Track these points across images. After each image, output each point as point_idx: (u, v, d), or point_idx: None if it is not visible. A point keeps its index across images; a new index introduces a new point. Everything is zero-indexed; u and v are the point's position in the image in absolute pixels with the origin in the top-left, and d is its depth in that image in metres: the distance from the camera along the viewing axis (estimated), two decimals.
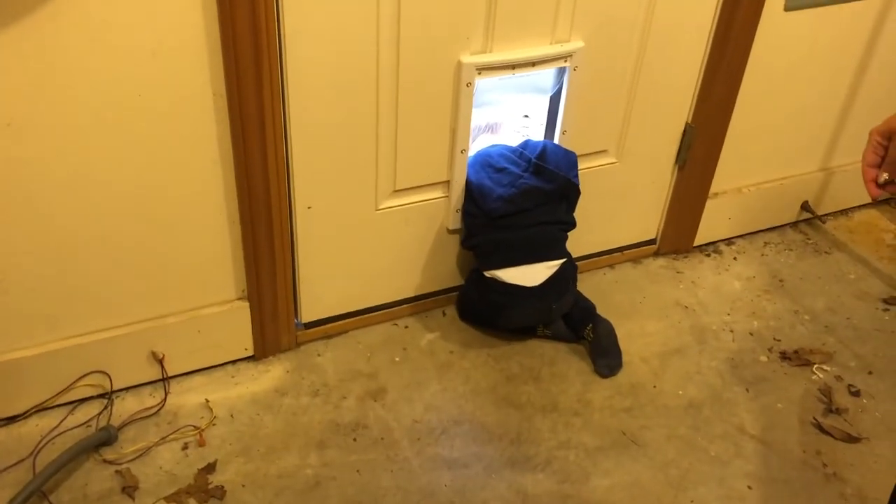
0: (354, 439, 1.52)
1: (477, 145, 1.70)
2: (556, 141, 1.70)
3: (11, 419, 1.49)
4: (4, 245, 1.33)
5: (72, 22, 1.18)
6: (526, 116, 1.79)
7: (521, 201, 1.59)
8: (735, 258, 2.06)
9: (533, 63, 1.55)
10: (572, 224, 1.69)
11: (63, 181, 1.31)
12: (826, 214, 2.19)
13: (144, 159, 1.35)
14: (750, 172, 2.02)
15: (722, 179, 1.96)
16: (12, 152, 1.25)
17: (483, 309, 1.74)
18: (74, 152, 1.30)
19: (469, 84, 1.52)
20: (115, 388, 1.55)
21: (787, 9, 1.73)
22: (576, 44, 1.58)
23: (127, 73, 1.26)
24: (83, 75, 1.23)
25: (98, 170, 1.33)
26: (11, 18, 1.15)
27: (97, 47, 1.22)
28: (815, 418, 1.63)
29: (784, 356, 1.78)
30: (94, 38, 1.21)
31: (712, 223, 2.03)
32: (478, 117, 1.65)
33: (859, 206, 2.26)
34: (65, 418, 1.51)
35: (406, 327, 1.78)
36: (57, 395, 1.51)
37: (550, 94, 1.67)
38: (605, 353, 1.69)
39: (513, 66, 1.54)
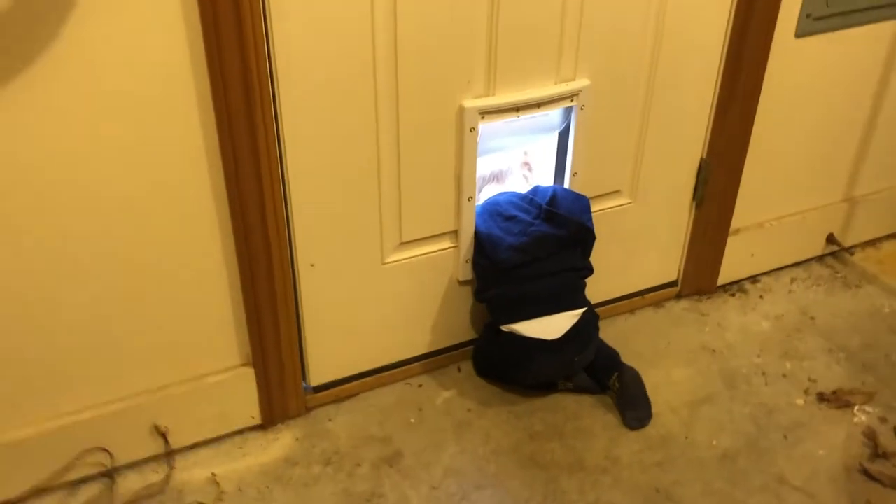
0: None
1: (484, 195, 1.64)
2: (566, 183, 1.64)
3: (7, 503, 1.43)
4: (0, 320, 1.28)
5: (61, 84, 1.14)
6: (526, 164, 1.73)
7: (534, 250, 1.52)
8: (761, 296, 1.97)
9: (538, 104, 1.50)
10: (589, 270, 1.61)
11: (55, 248, 1.26)
12: (853, 246, 2.11)
13: (139, 224, 1.30)
14: (771, 206, 1.95)
15: (742, 214, 1.89)
16: (2, 221, 1.20)
17: (501, 364, 1.66)
18: (65, 217, 1.25)
19: (472, 129, 1.46)
20: (116, 465, 1.48)
21: (798, 35, 1.68)
22: (581, 82, 1.53)
23: (115, 134, 1.22)
24: (69, 139, 1.19)
25: (91, 235, 1.28)
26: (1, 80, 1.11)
27: (81, 111, 1.18)
28: (861, 464, 1.53)
29: (822, 398, 1.68)
30: (77, 102, 1.17)
31: (735, 261, 1.95)
32: (483, 167, 1.60)
33: (888, 236, 2.18)
34: (65, 501, 1.44)
35: (420, 386, 1.70)
36: (55, 475, 1.44)
37: (558, 130, 1.61)
38: (633, 405, 1.61)
39: (517, 108, 1.49)
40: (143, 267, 1.34)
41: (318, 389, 1.63)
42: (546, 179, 1.69)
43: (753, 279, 2.02)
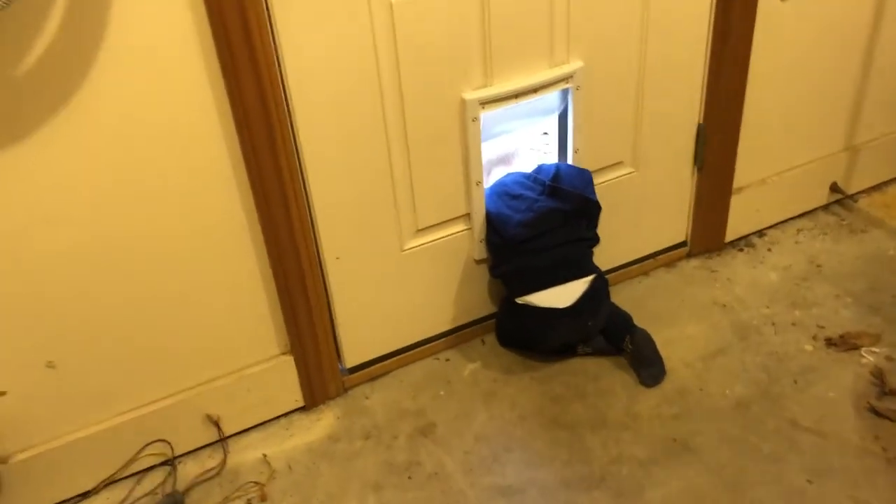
0: (409, 477, 1.55)
1: (492, 178, 1.73)
2: (569, 159, 1.73)
3: (84, 495, 1.57)
4: (59, 332, 1.41)
5: (94, 122, 1.26)
6: (545, 134, 1.81)
7: (541, 224, 1.62)
8: (769, 249, 2.04)
9: (535, 90, 1.58)
10: (596, 240, 1.70)
11: (102, 265, 1.39)
12: (857, 193, 2.16)
13: (177, 235, 1.42)
14: (772, 162, 2.01)
15: (744, 173, 1.96)
16: (54, 244, 1.33)
17: (520, 335, 1.76)
18: (109, 237, 1.37)
19: (475, 119, 1.55)
20: (176, 454, 1.62)
21: None
22: (575, 64, 1.61)
23: (149, 159, 1.33)
24: (109, 167, 1.31)
25: (133, 251, 1.40)
26: (37, 124, 1.23)
27: (118, 141, 1.30)
28: (869, 403, 1.60)
29: (830, 343, 1.75)
30: (114, 133, 1.29)
31: (741, 218, 2.02)
32: (489, 150, 1.69)
33: (892, 180, 2.22)
34: (133, 489, 1.57)
35: (447, 360, 1.81)
36: (123, 467, 1.58)
37: (557, 112, 1.69)
38: (646, 363, 1.70)
39: (515, 95, 1.57)
40: (185, 273, 1.47)
41: (353, 370, 1.75)
42: (550, 158, 1.77)
43: (760, 233, 2.09)
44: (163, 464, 1.61)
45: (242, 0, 1.25)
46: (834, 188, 2.12)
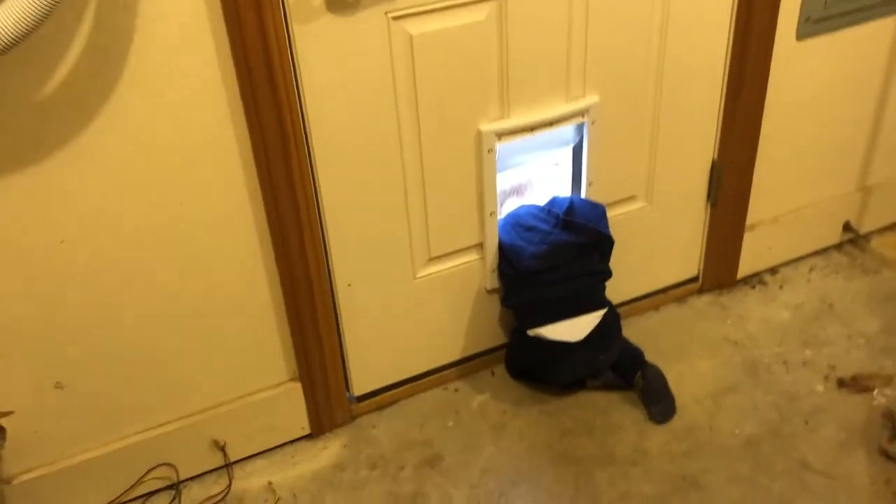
0: None
1: (505, 209, 1.74)
2: (583, 192, 1.73)
3: None
4: (66, 352, 1.41)
5: (115, 144, 1.27)
6: (556, 165, 1.82)
7: (554, 257, 1.61)
8: (781, 287, 2.04)
9: (551, 123, 1.59)
10: (608, 273, 1.70)
11: (115, 286, 1.39)
12: (870, 232, 2.16)
13: (190, 259, 1.42)
14: (785, 200, 2.01)
15: (757, 210, 1.96)
16: (68, 266, 1.34)
17: (530, 367, 1.75)
18: (123, 260, 1.37)
19: (490, 150, 1.56)
20: (181, 478, 1.61)
21: (798, 38, 1.74)
22: (591, 99, 1.62)
23: (166, 184, 1.34)
24: (126, 191, 1.32)
25: (146, 273, 1.40)
26: (57, 147, 1.24)
27: (136, 166, 1.30)
28: (880, 446, 1.59)
29: (841, 384, 1.74)
30: (133, 159, 1.30)
31: (753, 254, 2.02)
32: (503, 181, 1.69)
33: None
34: None
35: (456, 390, 1.80)
36: (127, 490, 1.57)
37: (572, 145, 1.70)
38: (657, 400, 1.69)
39: (531, 128, 1.58)
40: (197, 298, 1.47)
41: (361, 399, 1.74)
42: (564, 190, 1.78)
43: (773, 270, 2.08)
44: (168, 487, 1.61)
45: (265, 29, 1.26)
46: (847, 227, 2.11)
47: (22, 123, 1.20)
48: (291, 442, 1.69)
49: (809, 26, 1.73)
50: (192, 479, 1.63)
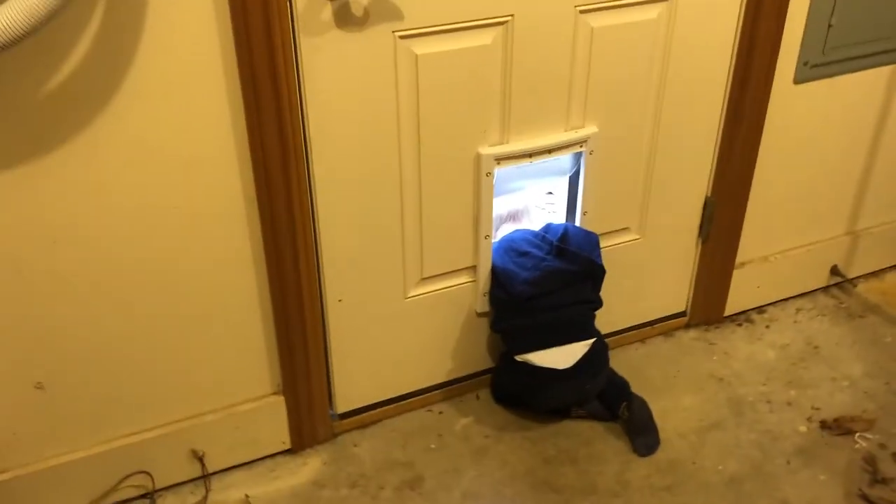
0: None
1: (499, 234, 1.74)
2: (577, 222, 1.74)
3: None
4: (48, 352, 1.39)
5: (112, 147, 1.26)
6: (550, 193, 1.83)
7: (546, 283, 1.62)
8: (767, 326, 2.05)
9: (549, 150, 1.60)
10: (599, 303, 1.70)
11: (103, 290, 1.38)
12: (857, 277, 2.18)
13: (181, 266, 1.41)
14: (775, 240, 2.03)
15: (747, 249, 1.98)
16: (57, 266, 1.32)
17: (516, 392, 1.75)
18: (114, 263, 1.36)
19: (489, 174, 1.57)
20: (157, 487, 1.58)
21: (796, 82, 1.77)
22: (590, 129, 1.63)
23: (164, 188, 1.33)
24: (123, 194, 1.31)
25: (136, 278, 1.39)
26: (57, 145, 1.23)
27: (135, 168, 1.30)
28: (860, 489, 1.59)
29: (824, 426, 1.75)
30: (132, 161, 1.29)
31: (742, 292, 2.03)
32: (499, 206, 1.70)
33: (891, 267, 2.24)
34: None
35: (440, 413, 1.79)
36: (101, 497, 1.54)
37: (569, 174, 1.71)
38: (642, 432, 1.69)
39: (530, 154, 1.59)
40: (185, 305, 1.45)
41: (343, 416, 1.73)
42: (559, 217, 1.79)
43: (760, 309, 2.10)
44: (142, 496, 1.58)
45: (272, 39, 1.27)
46: (834, 271, 2.14)
47: (21, 120, 1.20)
48: (271, 456, 1.67)
49: (807, 71, 1.76)
50: (167, 488, 1.60)
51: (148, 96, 1.25)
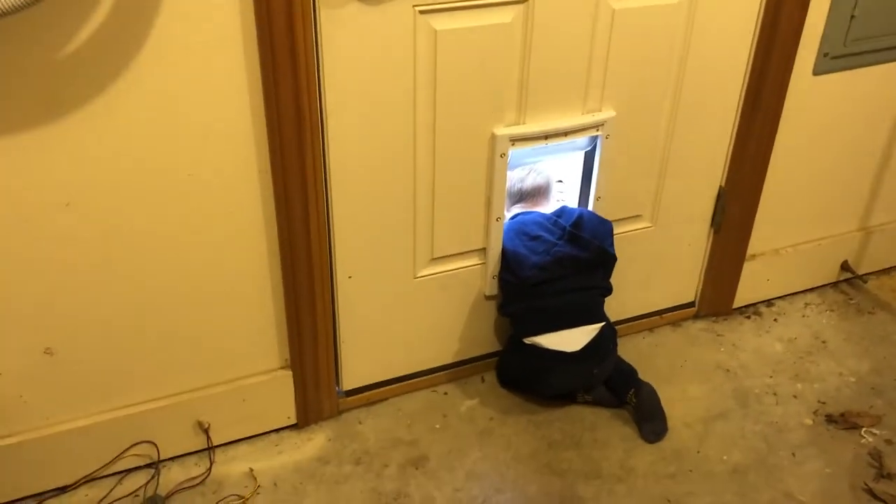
0: None
1: (514, 211, 1.73)
2: (590, 207, 1.73)
3: (62, 489, 1.53)
4: (59, 318, 1.39)
5: (129, 111, 1.26)
6: (560, 181, 1.83)
7: (556, 269, 1.61)
8: (776, 319, 2.04)
9: (565, 133, 1.59)
10: (609, 289, 1.70)
11: (115, 257, 1.37)
12: (867, 274, 2.17)
13: (193, 234, 1.41)
14: (787, 233, 2.02)
15: (759, 241, 1.97)
16: (69, 230, 1.32)
17: (523, 375, 1.75)
18: (126, 230, 1.36)
19: (503, 154, 1.56)
20: (162, 457, 1.58)
21: (815, 73, 1.76)
22: (607, 113, 1.62)
23: (179, 154, 1.33)
24: (138, 158, 1.31)
25: (148, 246, 1.39)
26: (74, 108, 1.22)
27: (152, 133, 1.29)
28: (866, 484, 1.59)
29: (830, 419, 1.74)
30: (149, 125, 1.28)
31: (751, 285, 2.02)
32: (521, 180, 1.70)
33: None
34: (113, 488, 1.54)
35: (445, 394, 1.79)
36: (106, 465, 1.54)
37: (585, 150, 1.70)
38: (649, 418, 1.69)
39: (545, 136, 1.58)
40: (196, 275, 1.45)
41: (349, 393, 1.73)
42: (572, 202, 1.78)
43: (769, 302, 2.09)
44: (147, 465, 1.58)
45: (293, 10, 1.26)
46: (844, 267, 2.13)
47: (37, 82, 1.19)
48: (276, 431, 1.68)
49: (827, 62, 1.75)
50: (172, 459, 1.60)
51: (166, 62, 1.24)
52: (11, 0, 1.00)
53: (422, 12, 1.37)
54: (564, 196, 1.82)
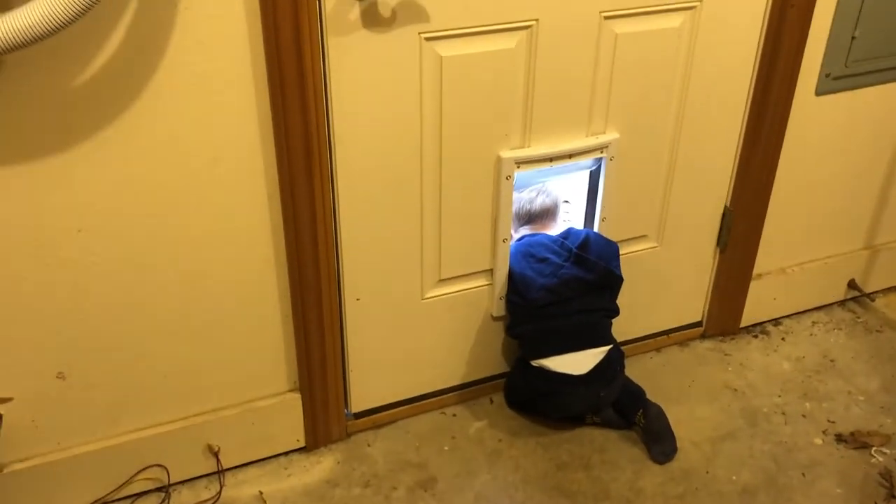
0: None
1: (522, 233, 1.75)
2: (596, 227, 1.74)
3: None
4: (71, 342, 1.40)
5: (140, 138, 1.28)
6: (567, 202, 1.84)
7: (563, 291, 1.62)
8: (783, 338, 2.04)
9: (570, 155, 1.61)
10: (616, 311, 1.71)
11: (126, 281, 1.39)
12: (874, 292, 2.17)
13: (203, 259, 1.43)
14: (793, 252, 2.03)
15: (765, 260, 1.97)
16: (81, 256, 1.34)
17: (530, 397, 1.75)
18: (138, 255, 1.38)
19: (509, 177, 1.58)
20: (172, 481, 1.59)
21: (818, 93, 1.77)
22: (611, 135, 1.64)
23: (189, 182, 1.35)
24: (149, 185, 1.33)
25: (159, 270, 1.40)
26: (87, 136, 1.25)
27: (162, 160, 1.31)
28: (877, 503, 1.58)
29: (840, 439, 1.74)
30: (160, 153, 1.31)
31: (758, 304, 2.02)
32: (529, 202, 1.72)
33: None
34: None
35: (454, 415, 1.79)
36: (116, 489, 1.55)
37: (591, 169, 1.71)
38: (658, 439, 1.68)
39: (550, 158, 1.60)
40: (206, 299, 1.47)
41: (358, 416, 1.74)
42: (578, 222, 1.79)
43: (776, 321, 2.09)
44: (157, 489, 1.59)
45: (300, 39, 1.28)
46: (851, 285, 2.13)
47: (52, 109, 1.21)
48: (286, 453, 1.68)
49: (829, 83, 1.76)
50: (182, 482, 1.61)
51: (178, 91, 1.26)
52: (27, 33, 1.03)
53: (427, 39, 1.39)
54: (571, 217, 1.83)
